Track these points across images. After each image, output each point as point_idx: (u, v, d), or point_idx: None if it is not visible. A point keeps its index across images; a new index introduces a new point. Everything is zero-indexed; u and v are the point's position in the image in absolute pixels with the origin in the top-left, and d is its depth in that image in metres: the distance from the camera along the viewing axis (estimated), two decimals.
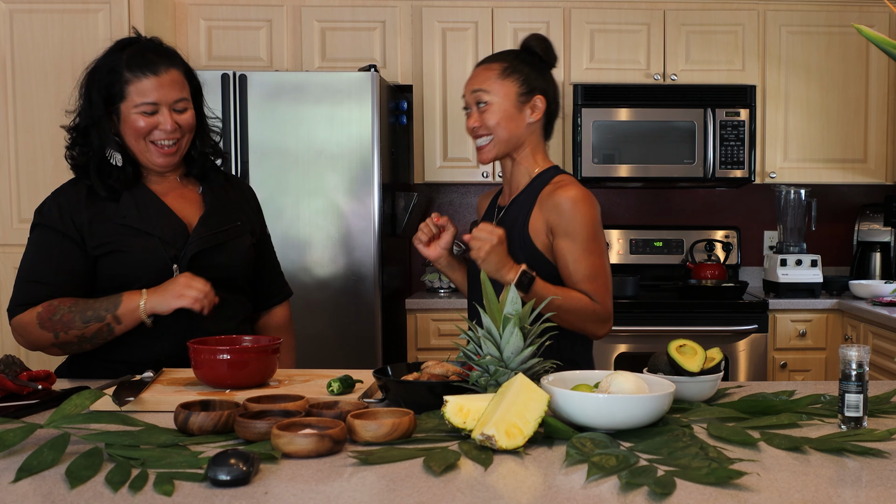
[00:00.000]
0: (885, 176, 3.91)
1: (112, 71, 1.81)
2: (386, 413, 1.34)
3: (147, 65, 1.80)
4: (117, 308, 1.75)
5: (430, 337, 3.63)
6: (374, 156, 3.35)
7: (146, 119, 1.80)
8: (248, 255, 1.98)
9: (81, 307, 1.76)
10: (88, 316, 1.75)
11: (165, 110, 1.81)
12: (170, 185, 1.93)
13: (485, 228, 1.73)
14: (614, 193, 4.19)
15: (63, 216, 1.83)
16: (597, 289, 1.81)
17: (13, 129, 3.40)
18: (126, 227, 1.83)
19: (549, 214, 1.83)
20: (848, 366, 1.35)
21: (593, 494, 1.06)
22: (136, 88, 1.79)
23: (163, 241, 1.84)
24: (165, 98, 1.81)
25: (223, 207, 1.95)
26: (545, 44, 1.93)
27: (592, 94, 3.77)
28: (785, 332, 3.64)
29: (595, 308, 1.80)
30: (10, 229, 3.41)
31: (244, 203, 2.04)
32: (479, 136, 1.90)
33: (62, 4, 3.40)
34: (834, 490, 1.09)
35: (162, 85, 1.80)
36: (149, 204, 1.86)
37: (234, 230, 1.94)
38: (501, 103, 1.87)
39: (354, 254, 3.37)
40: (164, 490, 1.06)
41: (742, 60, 3.86)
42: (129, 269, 1.82)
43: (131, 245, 1.82)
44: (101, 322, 1.75)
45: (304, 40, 3.80)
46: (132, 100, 1.79)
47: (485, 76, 1.89)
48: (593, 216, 1.82)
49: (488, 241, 1.71)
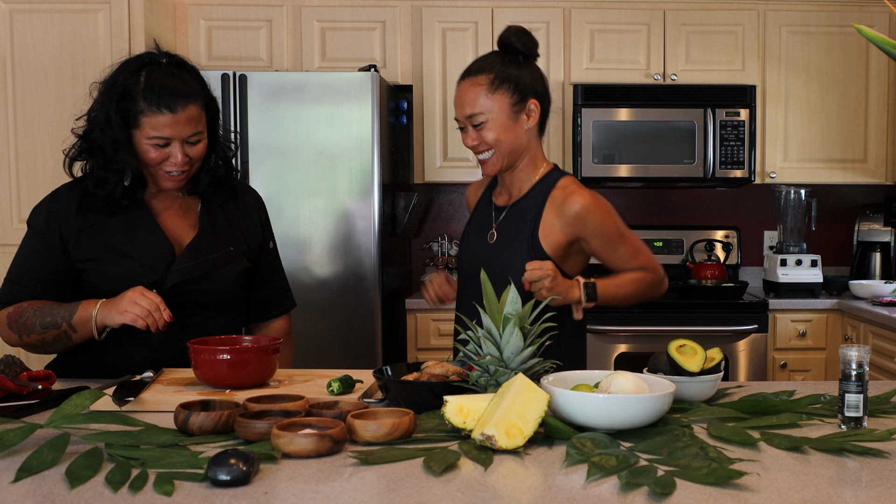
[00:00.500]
0: (885, 176, 3.91)
1: (128, 95, 1.74)
2: (386, 413, 1.34)
3: (164, 100, 1.73)
4: (72, 316, 1.75)
5: (430, 337, 3.63)
6: (374, 156, 3.35)
7: (157, 151, 1.77)
8: (236, 280, 1.92)
9: (45, 312, 1.77)
10: (47, 322, 1.76)
11: (178, 144, 1.77)
12: (170, 200, 1.90)
13: (535, 267, 1.75)
14: (614, 193, 4.19)
15: (51, 224, 1.82)
16: (644, 261, 1.94)
17: (13, 129, 3.40)
18: (110, 246, 1.81)
19: (573, 226, 1.87)
20: (848, 366, 1.35)
21: (593, 494, 1.06)
22: (151, 122, 1.74)
23: (144, 265, 1.80)
24: (179, 135, 1.76)
25: (217, 231, 1.89)
26: (524, 36, 1.89)
27: (592, 94, 3.77)
28: (785, 332, 3.64)
29: (654, 276, 1.95)
30: (10, 229, 3.41)
31: (246, 219, 1.97)
32: (480, 152, 1.90)
33: (62, 4, 3.40)
34: (834, 490, 1.09)
35: (178, 122, 1.75)
36: (139, 223, 1.83)
37: (222, 258, 1.87)
38: (497, 118, 1.85)
39: (354, 254, 3.37)
40: (164, 490, 1.06)
41: (742, 60, 3.86)
42: (109, 288, 1.79)
43: (111, 266, 1.81)
44: (57, 329, 1.76)
45: (304, 40, 3.80)
46: (145, 131, 1.75)
47: (474, 94, 1.85)
48: (609, 210, 1.91)
49: (547, 278, 1.75)
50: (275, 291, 2.05)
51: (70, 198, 1.84)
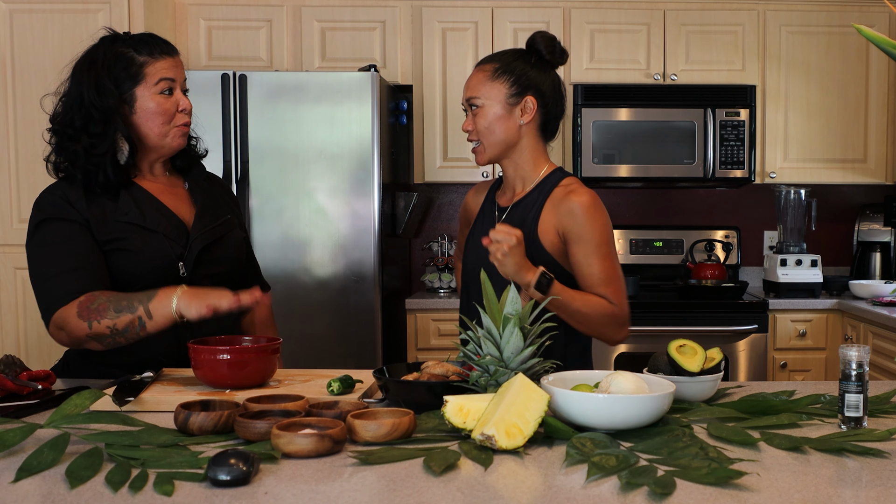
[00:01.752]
0: (885, 176, 3.91)
1: (118, 57, 1.80)
2: (386, 413, 1.34)
3: (159, 47, 1.83)
4: (150, 301, 1.68)
5: (430, 337, 3.63)
6: (373, 156, 3.35)
7: (167, 100, 1.82)
8: (243, 248, 2.02)
9: (119, 297, 1.70)
10: (122, 306, 1.68)
11: (179, 91, 1.85)
12: (160, 182, 1.91)
13: (502, 229, 1.69)
14: (614, 193, 4.19)
15: (72, 207, 1.79)
16: (613, 292, 1.81)
17: (13, 129, 3.40)
18: (130, 224, 1.81)
19: (563, 219, 1.83)
20: (848, 366, 1.35)
21: (593, 494, 1.06)
22: (155, 69, 1.81)
23: (168, 238, 1.83)
24: (180, 77, 1.86)
25: (212, 203, 1.96)
26: (550, 42, 1.90)
27: (592, 94, 3.77)
28: (785, 332, 3.64)
29: (613, 310, 1.81)
30: (10, 229, 3.41)
31: (226, 197, 2.05)
32: (470, 140, 1.93)
33: (62, 4, 3.40)
34: (834, 490, 1.09)
35: (177, 65, 1.85)
36: (146, 202, 1.85)
37: (226, 224, 1.96)
38: (491, 106, 1.87)
39: (354, 254, 3.37)
40: (164, 490, 1.06)
41: (742, 60, 3.86)
42: (136, 267, 1.80)
43: (138, 243, 1.80)
44: (132, 314, 1.68)
45: (304, 40, 3.80)
46: (150, 80, 1.80)
47: (478, 79, 1.89)
48: (605, 221, 1.84)
49: (506, 242, 1.67)
50: (256, 271, 2.15)
51: (73, 188, 1.82)
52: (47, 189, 1.84)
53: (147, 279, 1.79)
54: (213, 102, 3.31)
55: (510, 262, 1.68)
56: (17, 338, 3.42)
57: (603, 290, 1.81)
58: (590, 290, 1.82)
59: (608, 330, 1.83)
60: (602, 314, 1.80)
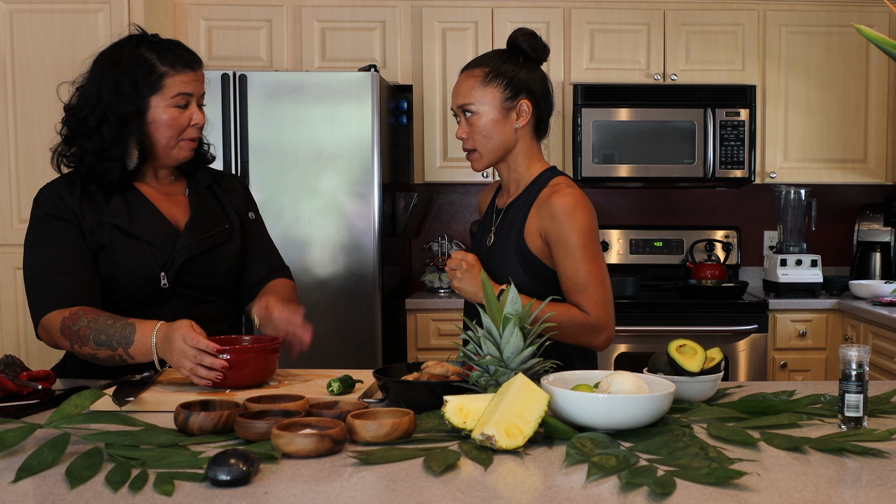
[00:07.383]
0: (885, 176, 3.91)
1: (140, 62, 1.78)
2: (386, 413, 1.34)
3: (183, 59, 1.81)
4: (129, 346, 1.66)
5: (430, 337, 3.63)
6: (374, 156, 3.35)
7: (180, 113, 1.81)
8: (237, 259, 1.94)
9: (99, 327, 1.68)
10: (101, 340, 1.67)
11: (195, 105, 1.84)
12: (160, 185, 1.90)
13: (455, 255, 1.78)
14: (614, 193, 4.19)
15: (67, 207, 1.79)
16: (586, 299, 1.77)
17: (13, 129, 3.40)
18: (116, 228, 1.80)
19: (544, 221, 1.81)
20: (848, 366, 1.35)
21: (593, 494, 1.06)
22: (174, 81, 1.79)
23: (152, 246, 1.81)
24: (198, 91, 1.84)
25: (209, 211, 1.92)
26: (532, 39, 1.88)
27: (592, 94, 3.77)
28: (785, 332, 3.64)
29: (585, 319, 1.76)
30: (10, 229, 3.41)
31: (232, 198, 1.99)
32: (465, 149, 1.90)
33: (62, 4, 3.40)
34: (834, 490, 1.09)
35: (198, 79, 1.84)
36: (139, 207, 1.83)
37: (221, 234, 1.90)
38: (487, 112, 1.84)
39: (354, 254, 3.37)
40: (164, 490, 1.06)
41: (742, 60, 3.86)
42: (118, 271, 1.79)
43: (121, 248, 1.79)
44: (112, 351, 1.68)
45: (304, 40, 3.80)
46: (168, 92, 1.78)
47: (468, 86, 1.86)
48: (586, 223, 1.78)
49: (458, 269, 1.77)
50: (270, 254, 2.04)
51: (68, 185, 1.82)
52: (47, 185, 1.85)
53: (128, 288, 1.80)
54: (214, 102, 3.31)
55: (466, 286, 1.76)
56: (17, 338, 3.42)
57: (575, 298, 1.78)
58: (567, 294, 1.79)
59: (583, 339, 1.79)
60: (572, 324, 1.75)
